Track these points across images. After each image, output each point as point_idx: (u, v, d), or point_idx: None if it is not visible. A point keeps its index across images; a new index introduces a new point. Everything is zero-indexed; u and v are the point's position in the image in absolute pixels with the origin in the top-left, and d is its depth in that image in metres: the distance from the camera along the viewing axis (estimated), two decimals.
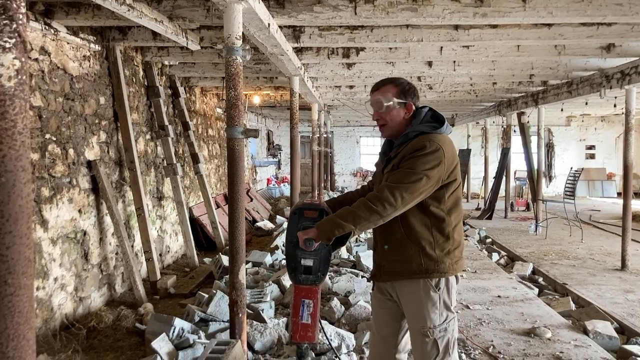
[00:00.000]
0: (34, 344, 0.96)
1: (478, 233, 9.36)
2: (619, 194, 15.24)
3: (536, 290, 5.72)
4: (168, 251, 6.81)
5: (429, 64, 6.60)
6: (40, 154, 3.96)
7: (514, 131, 11.80)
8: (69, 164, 4.39)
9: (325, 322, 3.63)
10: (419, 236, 2.10)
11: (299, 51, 5.68)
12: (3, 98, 0.87)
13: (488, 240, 8.91)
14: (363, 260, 5.59)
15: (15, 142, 0.89)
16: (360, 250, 6.30)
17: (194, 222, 7.47)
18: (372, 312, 2.42)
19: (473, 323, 4.30)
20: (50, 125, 4.11)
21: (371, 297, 2.42)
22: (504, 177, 11.68)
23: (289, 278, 2.28)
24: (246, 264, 5.15)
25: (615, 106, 11.73)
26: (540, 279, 6.27)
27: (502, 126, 12.48)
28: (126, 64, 5.56)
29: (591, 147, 17.78)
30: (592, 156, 17.72)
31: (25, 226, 0.91)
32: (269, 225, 9.47)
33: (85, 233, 4.63)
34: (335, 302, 4.11)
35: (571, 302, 5.10)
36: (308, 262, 2.21)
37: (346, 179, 19.22)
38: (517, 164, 13.69)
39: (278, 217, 10.31)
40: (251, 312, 3.80)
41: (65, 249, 4.29)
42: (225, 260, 5.69)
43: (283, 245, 6.33)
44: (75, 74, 4.52)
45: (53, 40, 4.20)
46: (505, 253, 7.79)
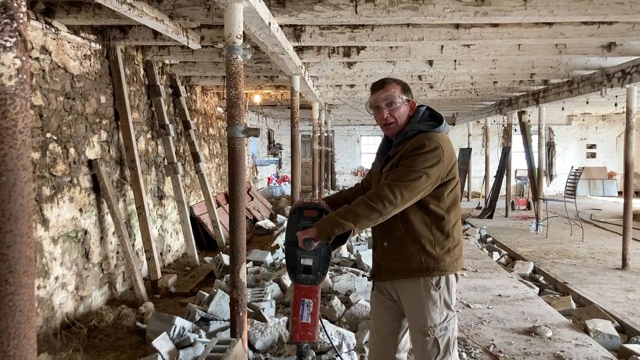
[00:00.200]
0: (35, 343, 0.96)
1: (479, 232, 9.35)
2: (620, 193, 15.23)
3: (537, 289, 5.72)
4: (169, 250, 6.81)
5: (430, 63, 6.59)
6: (41, 153, 3.97)
7: (515, 130, 11.79)
8: (70, 163, 4.39)
9: (326, 321, 3.62)
10: (419, 234, 2.10)
11: (300, 50, 5.67)
12: (4, 97, 0.88)
13: (489, 239, 8.91)
14: (364, 259, 5.59)
15: (16, 141, 0.90)
16: (360, 249, 6.30)
17: (195, 221, 7.47)
18: (372, 312, 2.42)
19: (474, 322, 4.30)
20: (51, 124, 4.11)
21: (370, 297, 2.41)
22: (505, 176, 11.66)
23: (289, 277, 2.27)
24: (247, 263, 5.15)
25: (616, 105, 11.71)
26: (540, 278, 6.26)
27: (503, 125, 12.46)
28: (127, 63, 5.56)
29: (592, 146, 17.78)
30: (593, 155, 17.72)
31: (26, 225, 0.91)
32: (270, 224, 9.47)
33: (86, 232, 4.63)
34: (336, 301, 4.11)
35: (572, 301, 5.09)
36: (308, 262, 2.20)
37: (347, 178, 19.24)
38: (518, 163, 13.70)
39: (279, 216, 10.32)
40: (252, 311, 3.81)
41: (66, 248, 4.30)
42: (226, 259, 5.69)
43: (284, 244, 6.33)
44: (76, 73, 4.52)
45: (54, 39, 4.20)
46: (505, 252, 7.78)
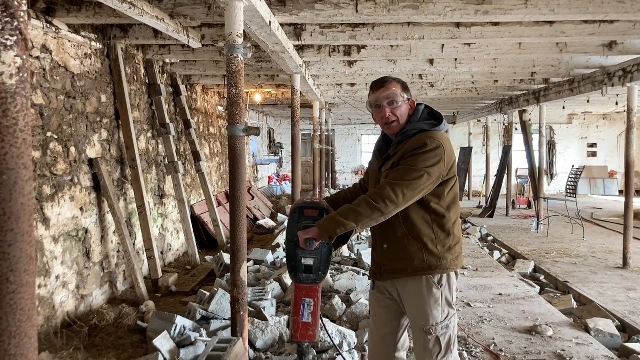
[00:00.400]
0: (36, 342, 0.96)
1: (479, 231, 9.34)
2: (621, 192, 15.23)
3: (537, 288, 5.71)
4: (169, 249, 6.82)
5: (431, 62, 6.59)
6: (41, 152, 3.97)
7: (516, 129, 11.78)
8: (71, 162, 4.40)
9: (326, 320, 3.63)
10: (421, 233, 2.10)
11: (300, 49, 5.66)
12: (5, 96, 0.88)
13: (489, 238, 8.90)
14: (364, 258, 5.59)
15: (16, 140, 0.90)
16: (361, 248, 6.30)
17: (196, 220, 7.48)
18: (371, 311, 2.41)
19: (474, 321, 4.30)
20: (51, 123, 4.11)
21: (369, 296, 2.41)
22: (506, 175, 11.65)
23: (290, 277, 2.27)
24: (248, 262, 5.17)
25: (617, 104, 11.69)
26: (541, 277, 6.26)
27: (504, 124, 12.44)
28: (127, 62, 5.56)
29: (593, 145, 17.77)
30: (594, 154, 17.71)
31: (27, 224, 0.91)
32: (271, 223, 9.48)
33: (86, 231, 4.63)
34: (336, 300, 4.11)
35: (573, 300, 5.09)
36: (308, 261, 2.20)
37: (347, 177, 19.25)
38: (519, 162, 13.68)
39: (279, 215, 10.32)
40: (253, 310, 3.81)
41: (67, 247, 4.30)
42: (226, 258, 5.70)
43: (284, 243, 6.33)
44: (76, 72, 4.52)
45: (54, 38, 4.20)
46: (506, 251, 7.77)
